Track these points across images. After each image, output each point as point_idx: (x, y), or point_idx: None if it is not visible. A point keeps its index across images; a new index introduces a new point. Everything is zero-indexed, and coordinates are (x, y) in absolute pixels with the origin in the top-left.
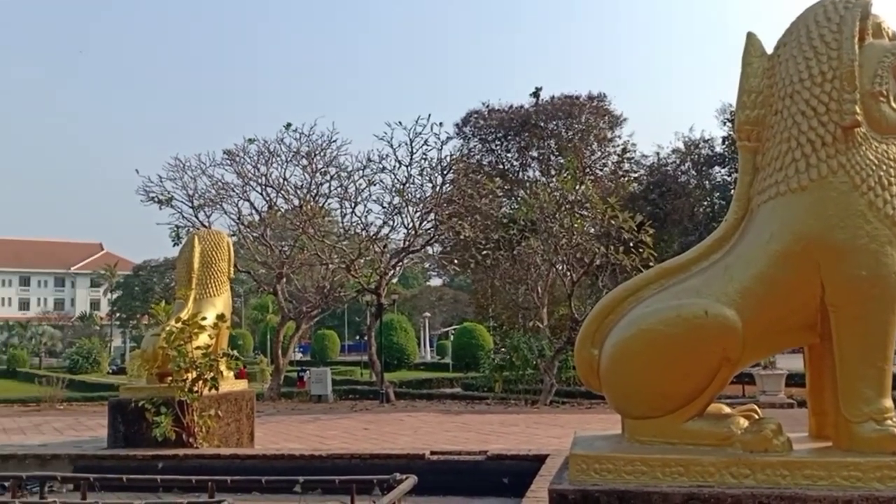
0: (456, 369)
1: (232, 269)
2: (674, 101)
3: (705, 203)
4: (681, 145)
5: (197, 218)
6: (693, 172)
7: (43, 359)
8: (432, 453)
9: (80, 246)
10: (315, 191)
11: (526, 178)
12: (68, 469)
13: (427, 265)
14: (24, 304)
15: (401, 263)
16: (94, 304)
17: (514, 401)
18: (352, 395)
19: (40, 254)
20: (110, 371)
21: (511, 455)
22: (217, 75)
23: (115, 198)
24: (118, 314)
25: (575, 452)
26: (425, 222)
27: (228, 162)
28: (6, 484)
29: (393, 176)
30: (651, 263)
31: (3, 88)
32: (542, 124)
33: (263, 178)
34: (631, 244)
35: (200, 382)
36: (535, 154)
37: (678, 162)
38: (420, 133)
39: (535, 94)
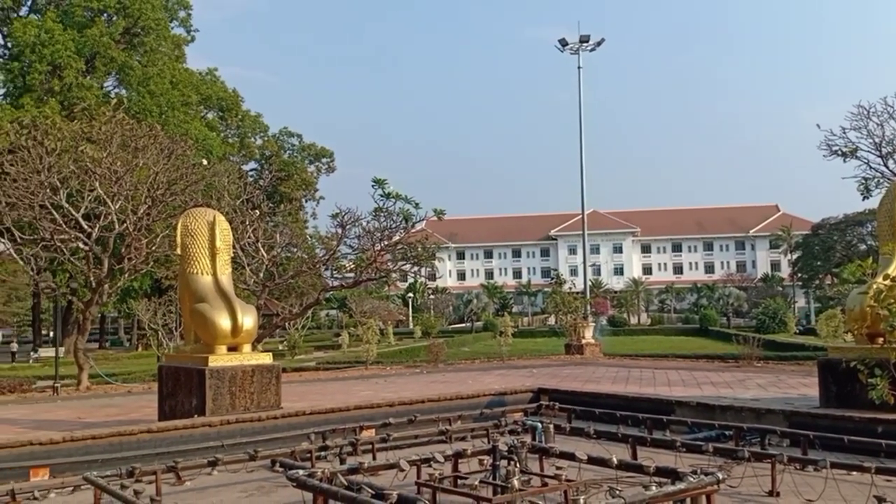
0: None
1: None
2: None
3: None
4: None
5: (887, 167)
6: None
7: (731, 319)
8: None
9: (756, 209)
10: None
11: None
12: (782, 424)
13: None
14: (709, 268)
15: None
16: (774, 266)
17: None
18: None
19: (720, 220)
20: (797, 331)
21: None
22: None
23: (788, 157)
24: (799, 274)
25: None
26: None
27: None
28: (728, 433)
29: None
30: None
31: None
32: None
33: None
34: None
35: None
36: None
37: None
38: None
39: None
